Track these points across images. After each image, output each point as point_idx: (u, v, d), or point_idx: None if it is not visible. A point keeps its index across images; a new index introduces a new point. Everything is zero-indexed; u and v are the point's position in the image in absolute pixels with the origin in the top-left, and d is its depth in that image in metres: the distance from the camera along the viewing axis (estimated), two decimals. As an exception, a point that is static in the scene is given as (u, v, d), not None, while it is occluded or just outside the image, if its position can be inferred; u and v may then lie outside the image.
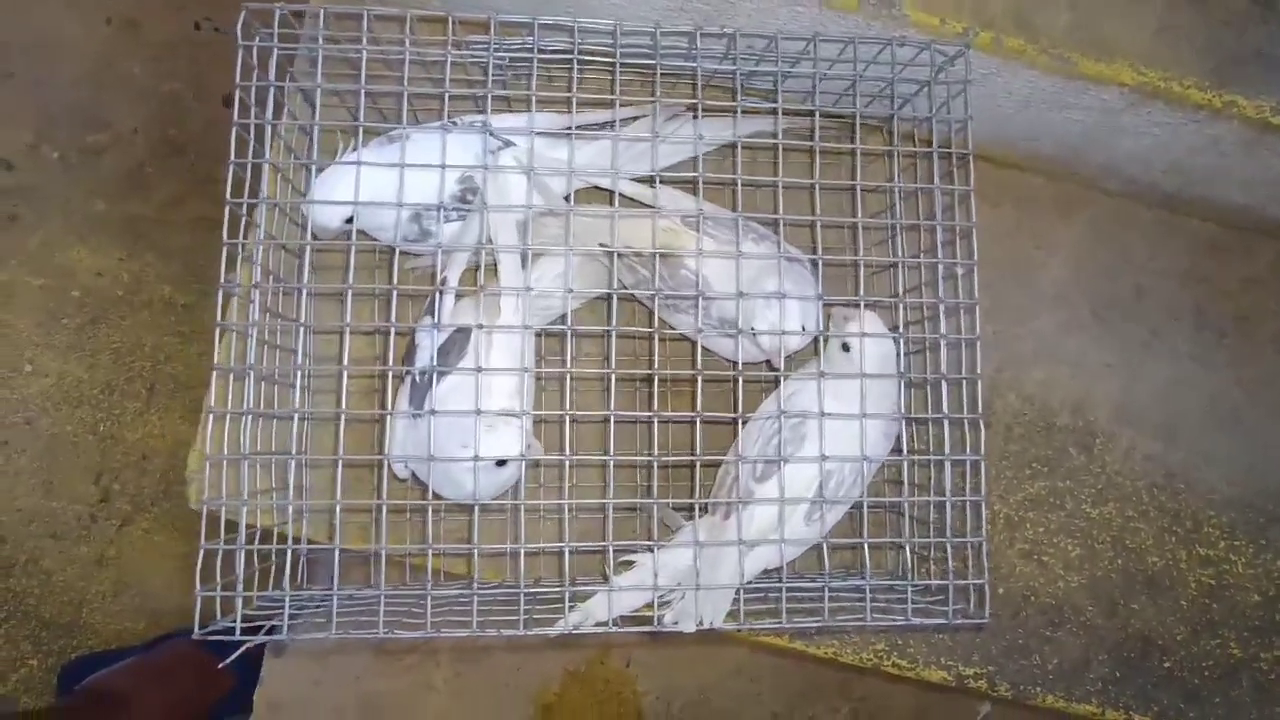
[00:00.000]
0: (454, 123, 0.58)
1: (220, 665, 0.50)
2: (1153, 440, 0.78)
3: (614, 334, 0.50)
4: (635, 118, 0.61)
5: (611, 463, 0.49)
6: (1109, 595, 0.75)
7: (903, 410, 0.58)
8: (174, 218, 1.38)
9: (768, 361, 0.59)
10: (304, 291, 0.52)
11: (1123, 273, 0.80)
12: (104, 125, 1.39)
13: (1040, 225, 0.79)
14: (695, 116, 0.60)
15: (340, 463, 0.51)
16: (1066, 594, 0.75)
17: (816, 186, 0.55)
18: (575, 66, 0.54)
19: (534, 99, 0.53)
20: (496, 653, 0.94)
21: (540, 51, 0.54)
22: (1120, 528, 0.77)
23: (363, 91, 0.52)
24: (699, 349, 0.52)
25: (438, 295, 0.56)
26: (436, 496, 0.54)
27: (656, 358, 0.63)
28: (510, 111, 0.64)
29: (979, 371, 0.55)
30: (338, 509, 0.50)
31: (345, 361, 0.50)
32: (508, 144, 0.57)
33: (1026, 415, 0.77)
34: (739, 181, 0.54)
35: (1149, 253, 0.80)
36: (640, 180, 0.60)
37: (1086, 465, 0.77)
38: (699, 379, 0.50)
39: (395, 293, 0.51)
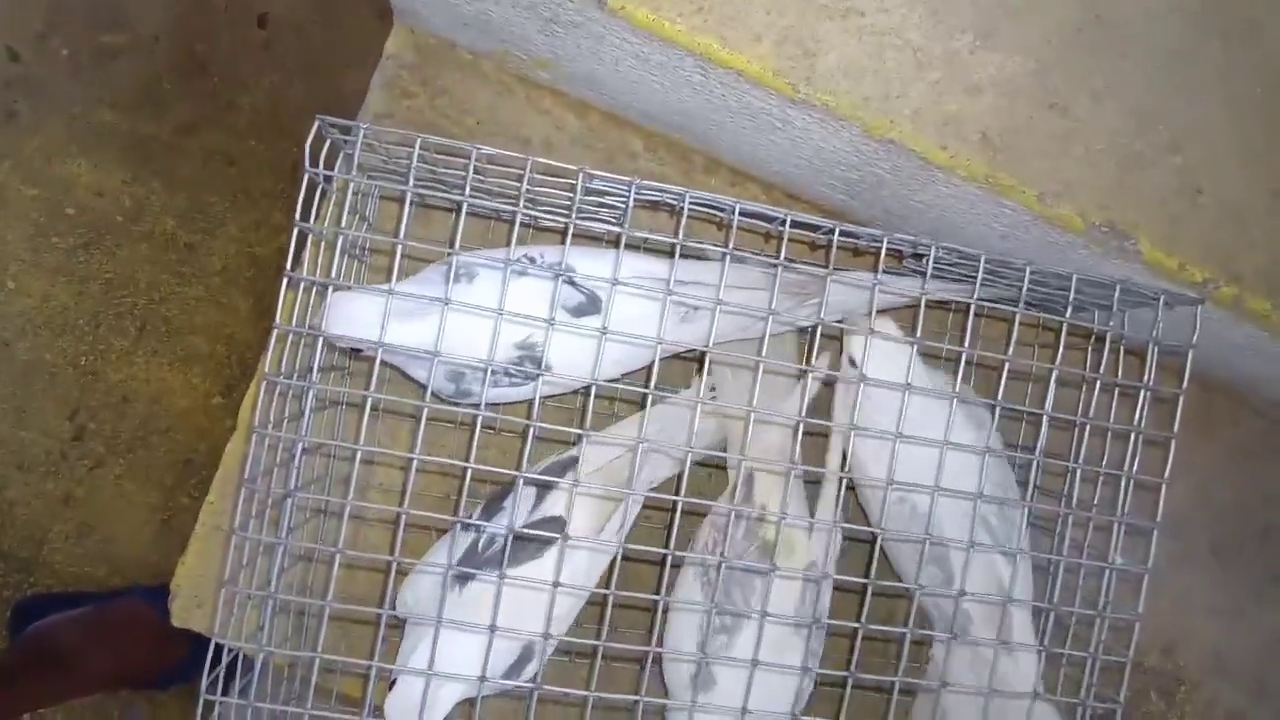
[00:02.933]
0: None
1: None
2: (1241, 695, 0.70)
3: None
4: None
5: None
6: None
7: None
8: (187, 144, 1.26)
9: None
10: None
11: (1254, 508, 0.70)
12: (123, 26, 1.24)
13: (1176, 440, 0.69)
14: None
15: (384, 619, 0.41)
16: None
17: (998, 409, 0.45)
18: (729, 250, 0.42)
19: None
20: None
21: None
22: (1183, 783, 0.70)
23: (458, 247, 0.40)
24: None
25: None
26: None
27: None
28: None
29: (1130, 654, 0.47)
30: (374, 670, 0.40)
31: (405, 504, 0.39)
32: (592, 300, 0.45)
33: (1120, 649, 0.69)
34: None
35: (1291, 492, 0.71)
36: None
37: (1164, 713, 0.70)
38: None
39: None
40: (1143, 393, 0.46)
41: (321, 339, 0.41)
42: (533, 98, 0.57)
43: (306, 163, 0.38)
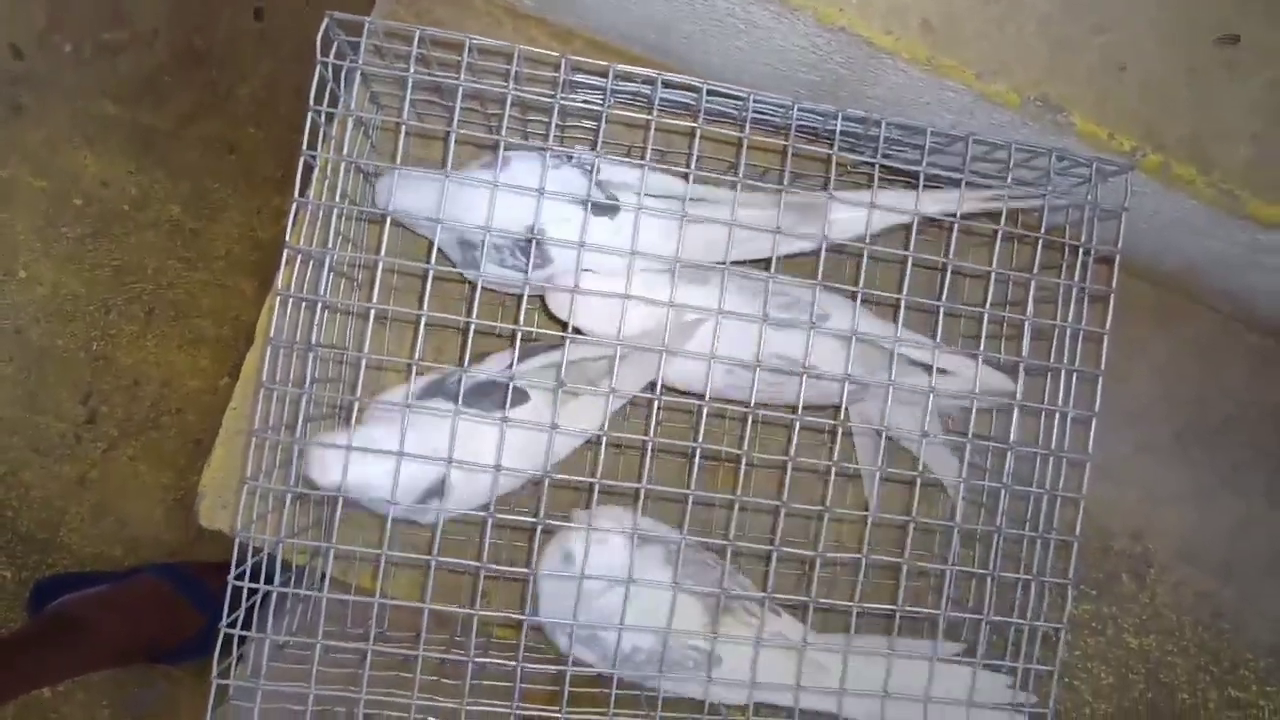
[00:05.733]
0: (568, 155, 0.49)
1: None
2: (1208, 577, 0.75)
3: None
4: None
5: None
6: (1132, 727, 0.73)
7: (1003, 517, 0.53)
8: (188, 133, 1.30)
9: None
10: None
11: (1213, 398, 0.75)
12: (123, 21, 1.29)
13: (1134, 333, 0.73)
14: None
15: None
16: (1091, 721, 0.72)
17: (941, 311, 0.49)
18: (698, 134, 0.47)
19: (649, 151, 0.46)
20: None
21: (659, 109, 0.47)
22: (1157, 661, 0.74)
23: (454, 130, 0.45)
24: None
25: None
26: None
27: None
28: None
29: (1084, 491, 0.51)
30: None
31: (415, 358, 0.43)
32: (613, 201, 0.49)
33: (1084, 533, 0.73)
34: (859, 295, 0.48)
35: (1245, 381, 0.75)
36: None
37: (1136, 594, 0.74)
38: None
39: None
40: (1082, 253, 0.50)
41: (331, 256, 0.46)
42: (520, 28, 0.62)
43: (318, 54, 0.43)
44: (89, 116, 1.27)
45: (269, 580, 0.51)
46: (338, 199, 0.48)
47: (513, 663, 0.44)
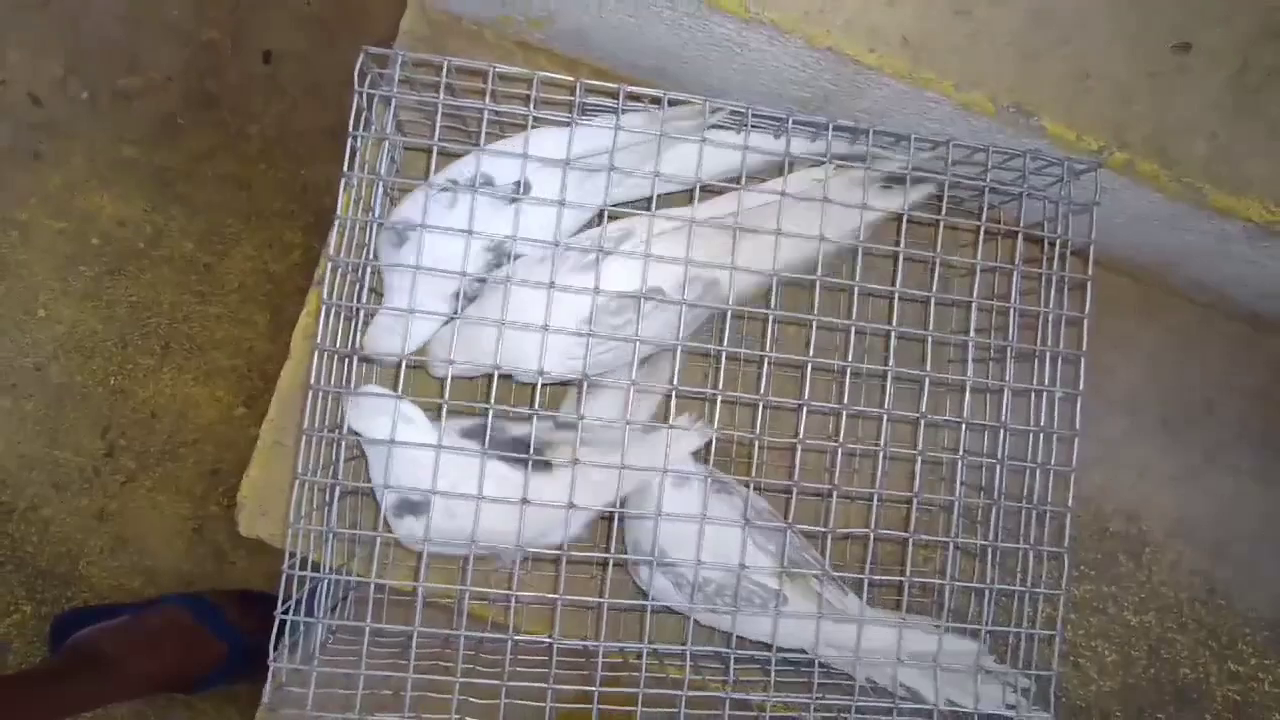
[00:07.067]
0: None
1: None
2: (1202, 554, 0.78)
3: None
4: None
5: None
6: (1137, 703, 0.76)
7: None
8: (202, 172, 1.34)
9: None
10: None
11: (1196, 384, 0.79)
12: (138, 68, 1.34)
13: (1121, 327, 0.78)
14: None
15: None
16: (1097, 698, 0.75)
17: (932, 300, 0.53)
18: (701, 147, 0.51)
19: (655, 177, 0.50)
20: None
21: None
22: (1158, 637, 0.77)
23: (482, 142, 0.49)
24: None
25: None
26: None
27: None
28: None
29: (1069, 504, 0.54)
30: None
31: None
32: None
33: (1081, 517, 0.76)
34: (856, 290, 0.52)
35: (1225, 367, 0.79)
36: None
37: (1133, 573, 0.77)
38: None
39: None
40: (1060, 245, 0.54)
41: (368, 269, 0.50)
42: (530, 58, 0.66)
43: (355, 84, 0.47)
44: (106, 160, 1.31)
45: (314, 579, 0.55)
46: (375, 206, 0.52)
47: (548, 639, 0.48)
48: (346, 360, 0.52)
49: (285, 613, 0.47)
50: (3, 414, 1.26)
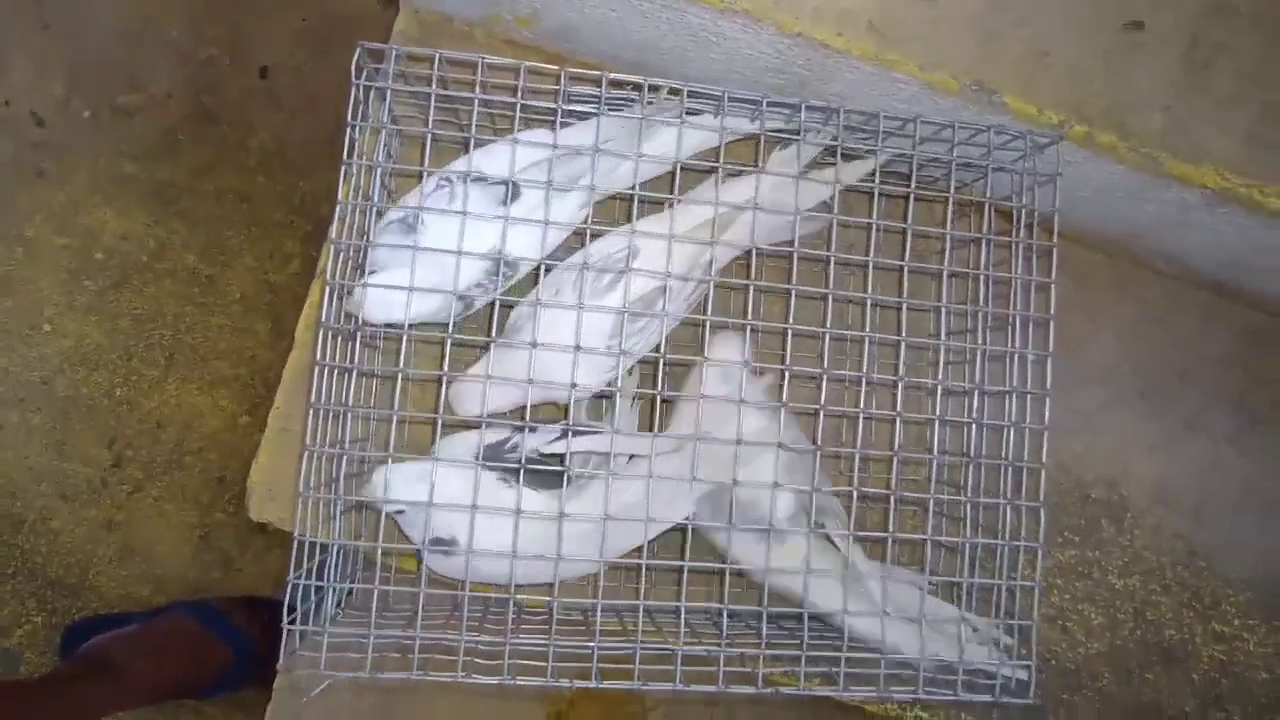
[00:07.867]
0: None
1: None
2: (1182, 519, 0.80)
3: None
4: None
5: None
6: (1125, 664, 0.78)
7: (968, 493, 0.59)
8: (203, 186, 1.37)
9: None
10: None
11: (1170, 354, 0.81)
12: (138, 86, 1.37)
13: (1095, 301, 0.80)
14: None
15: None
16: (1086, 660, 0.77)
17: (906, 269, 0.56)
18: (681, 129, 0.54)
19: (638, 159, 0.53)
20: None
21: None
22: (1143, 600, 0.79)
23: (473, 140, 0.52)
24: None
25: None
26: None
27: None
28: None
29: (1044, 460, 0.57)
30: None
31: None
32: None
33: (1063, 485, 0.79)
34: (832, 260, 0.55)
35: (1196, 336, 0.82)
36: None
37: (1115, 538, 0.79)
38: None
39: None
40: (1026, 213, 0.57)
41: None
42: (518, 55, 0.69)
43: (352, 77, 0.50)
44: (108, 176, 1.34)
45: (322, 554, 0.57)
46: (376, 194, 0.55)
47: (548, 598, 0.50)
48: (348, 340, 0.55)
49: (298, 579, 0.49)
50: (11, 428, 1.29)
